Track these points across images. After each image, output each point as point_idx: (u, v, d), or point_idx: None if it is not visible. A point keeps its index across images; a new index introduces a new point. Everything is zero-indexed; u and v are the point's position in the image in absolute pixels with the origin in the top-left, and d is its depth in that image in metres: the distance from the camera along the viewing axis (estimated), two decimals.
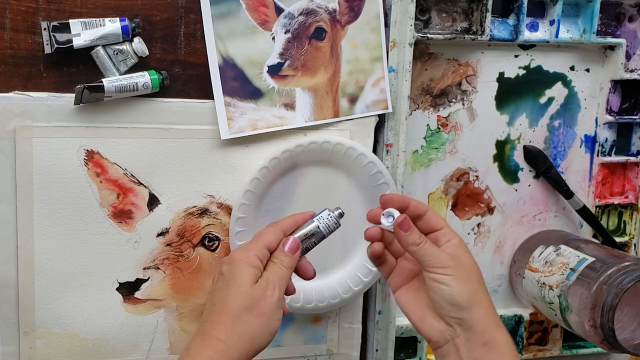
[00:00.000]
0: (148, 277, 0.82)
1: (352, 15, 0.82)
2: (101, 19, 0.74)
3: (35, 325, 0.80)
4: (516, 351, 0.69)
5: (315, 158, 0.83)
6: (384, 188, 0.84)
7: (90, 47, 0.74)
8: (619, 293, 0.78)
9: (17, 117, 0.74)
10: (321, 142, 0.82)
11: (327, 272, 0.88)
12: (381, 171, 0.84)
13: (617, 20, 0.94)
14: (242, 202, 0.80)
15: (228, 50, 0.79)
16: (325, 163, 0.84)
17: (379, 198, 0.70)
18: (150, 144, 0.79)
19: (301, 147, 0.81)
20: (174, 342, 0.85)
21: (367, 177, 0.85)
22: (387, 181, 0.85)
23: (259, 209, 0.83)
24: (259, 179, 0.81)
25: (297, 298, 0.85)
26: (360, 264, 0.88)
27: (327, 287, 0.87)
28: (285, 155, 0.81)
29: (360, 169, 0.84)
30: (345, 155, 0.83)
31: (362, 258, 0.87)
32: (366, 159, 0.84)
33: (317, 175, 0.85)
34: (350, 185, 0.86)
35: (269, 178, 0.82)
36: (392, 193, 0.82)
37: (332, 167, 0.85)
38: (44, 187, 0.77)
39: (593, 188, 0.97)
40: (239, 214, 0.81)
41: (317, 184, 0.85)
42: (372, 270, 0.87)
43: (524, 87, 0.92)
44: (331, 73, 0.83)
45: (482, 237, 0.95)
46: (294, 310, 0.86)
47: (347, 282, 0.87)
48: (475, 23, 0.87)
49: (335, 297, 0.87)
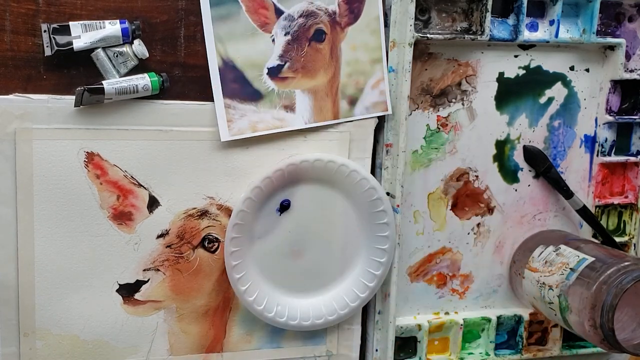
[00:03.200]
0: (148, 278, 0.82)
1: (352, 17, 0.82)
2: (101, 21, 0.74)
3: (35, 326, 0.80)
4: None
5: (310, 175, 0.84)
6: (377, 204, 0.85)
7: (91, 50, 0.74)
8: (618, 293, 0.78)
9: (17, 119, 0.74)
10: (326, 161, 0.83)
11: (324, 289, 0.89)
12: (377, 190, 0.85)
13: (617, 20, 0.94)
14: (235, 222, 0.81)
15: (228, 52, 0.79)
16: (320, 179, 0.85)
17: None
18: (150, 146, 0.79)
19: (293, 165, 0.82)
20: (174, 343, 0.85)
21: (362, 193, 0.85)
22: (381, 196, 0.86)
23: (256, 221, 0.84)
24: (261, 187, 0.81)
25: (294, 315, 0.86)
26: (356, 280, 0.88)
27: (324, 303, 0.88)
28: (278, 174, 0.81)
29: (360, 191, 0.85)
30: (338, 172, 0.84)
31: (358, 274, 0.88)
32: (359, 175, 0.84)
33: (316, 191, 0.85)
34: (343, 198, 0.86)
35: (270, 189, 0.82)
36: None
37: (327, 183, 0.85)
38: (44, 189, 0.77)
39: (593, 188, 0.97)
40: (232, 234, 0.81)
41: (313, 199, 0.85)
42: (369, 286, 0.88)
43: (524, 87, 0.92)
44: (331, 75, 0.83)
45: (482, 237, 0.95)
46: (290, 327, 0.87)
47: (344, 298, 0.88)
48: (475, 23, 0.87)
49: (332, 313, 0.88)
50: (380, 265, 0.87)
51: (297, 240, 0.86)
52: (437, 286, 0.95)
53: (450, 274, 0.95)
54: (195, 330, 0.86)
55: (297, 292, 0.88)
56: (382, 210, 0.86)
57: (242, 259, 0.83)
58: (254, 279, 0.84)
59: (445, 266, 0.94)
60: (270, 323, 0.86)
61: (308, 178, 0.84)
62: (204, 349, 0.87)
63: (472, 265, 0.95)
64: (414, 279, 0.93)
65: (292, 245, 0.86)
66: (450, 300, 0.95)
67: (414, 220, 0.92)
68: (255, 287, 0.84)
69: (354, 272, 0.88)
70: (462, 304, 0.96)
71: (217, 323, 0.87)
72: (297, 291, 0.88)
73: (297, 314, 0.87)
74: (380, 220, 0.86)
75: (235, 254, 0.82)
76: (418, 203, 0.91)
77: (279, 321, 0.86)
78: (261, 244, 0.84)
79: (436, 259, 0.94)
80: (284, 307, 0.86)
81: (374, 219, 0.86)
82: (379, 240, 0.87)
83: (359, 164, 0.86)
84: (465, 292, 0.96)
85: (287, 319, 0.86)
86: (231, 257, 0.82)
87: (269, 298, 0.85)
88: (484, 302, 0.97)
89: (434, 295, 0.95)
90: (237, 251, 0.82)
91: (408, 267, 0.93)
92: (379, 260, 0.87)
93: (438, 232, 0.93)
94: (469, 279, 0.96)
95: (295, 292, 0.88)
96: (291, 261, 0.86)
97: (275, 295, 0.86)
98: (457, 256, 0.94)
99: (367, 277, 0.88)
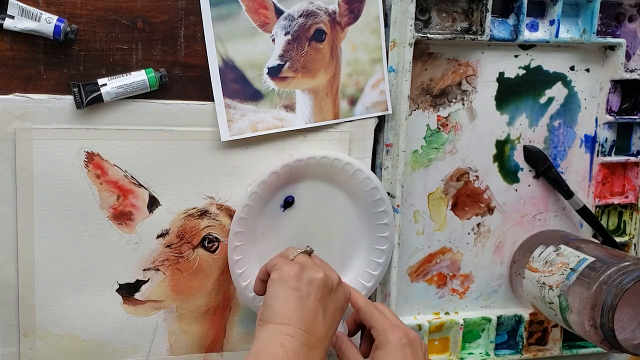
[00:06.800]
0: (148, 278, 0.82)
1: (352, 17, 0.82)
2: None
3: (35, 326, 0.80)
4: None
5: (314, 172, 0.84)
6: (379, 204, 0.86)
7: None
8: (619, 293, 0.78)
9: (17, 119, 0.74)
10: (319, 157, 0.82)
11: None
12: (379, 190, 0.86)
13: (617, 20, 0.94)
14: (240, 216, 0.81)
15: (228, 52, 0.79)
16: (324, 177, 0.85)
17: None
18: (150, 146, 0.79)
19: (301, 161, 0.82)
20: (174, 343, 0.85)
21: (364, 193, 0.86)
22: (382, 196, 0.86)
23: (260, 216, 0.84)
24: (258, 193, 0.81)
25: None
26: (354, 280, 0.88)
27: None
28: (285, 169, 0.81)
29: (358, 185, 0.85)
30: (342, 171, 0.84)
31: (356, 274, 0.89)
32: (363, 174, 0.84)
33: (319, 189, 0.85)
34: (345, 197, 0.86)
35: (276, 184, 0.82)
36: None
37: (330, 181, 0.85)
38: (44, 189, 0.77)
39: (593, 188, 0.97)
40: (237, 229, 0.81)
41: (316, 197, 0.85)
42: (366, 286, 0.88)
43: (524, 87, 0.92)
44: (331, 75, 0.83)
45: (482, 237, 0.95)
46: None
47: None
48: (475, 23, 0.87)
49: None
50: (378, 266, 0.87)
51: (299, 237, 0.86)
52: (437, 286, 0.94)
53: (450, 274, 0.95)
54: (195, 330, 0.86)
55: None
56: (383, 210, 0.86)
57: (244, 254, 0.83)
58: (256, 275, 0.84)
59: (445, 266, 0.94)
60: None
61: (312, 175, 0.84)
62: (204, 348, 0.87)
63: (472, 265, 0.95)
64: (414, 279, 0.93)
65: (294, 242, 0.85)
66: (451, 300, 0.95)
67: (414, 220, 0.91)
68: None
69: (352, 271, 0.88)
70: (462, 304, 0.96)
71: (217, 323, 0.87)
72: None
73: None
74: (380, 220, 0.86)
75: (238, 248, 0.82)
76: (418, 203, 0.91)
77: None
78: (263, 241, 0.84)
79: (436, 259, 0.94)
80: None
81: (375, 220, 0.86)
82: (378, 241, 0.87)
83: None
84: (465, 292, 0.96)
85: None
86: (234, 251, 0.82)
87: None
88: (484, 302, 0.97)
89: (434, 295, 0.95)
90: (240, 246, 0.82)
91: (408, 267, 0.93)
92: (377, 261, 0.87)
93: (438, 232, 0.93)
94: (469, 279, 0.96)
95: None
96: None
97: None
98: (457, 256, 0.94)
99: (365, 277, 0.88)
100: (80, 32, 0.75)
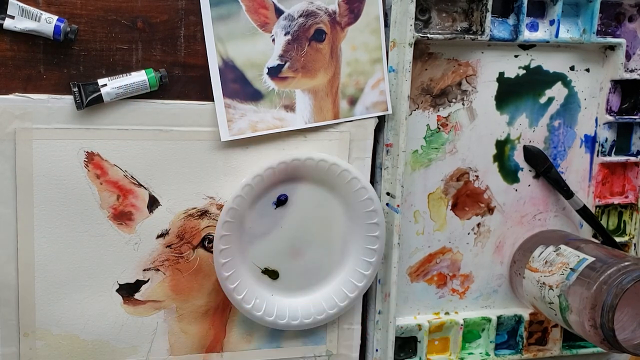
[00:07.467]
0: (148, 278, 0.82)
1: (352, 17, 0.82)
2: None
3: (35, 326, 0.80)
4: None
5: (310, 174, 0.84)
6: (368, 204, 0.85)
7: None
8: (619, 293, 0.78)
9: (17, 119, 0.74)
10: (317, 160, 0.82)
11: (313, 289, 0.89)
12: (367, 190, 0.85)
13: (617, 20, 0.94)
14: (231, 206, 0.80)
15: (228, 52, 0.79)
16: (319, 179, 0.84)
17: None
18: (150, 146, 0.79)
19: (298, 160, 0.82)
20: (174, 343, 0.85)
21: (356, 198, 0.85)
22: (372, 197, 0.85)
23: (249, 216, 0.84)
24: (252, 185, 0.81)
25: (283, 315, 0.86)
26: (345, 280, 0.88)
27: (312, 303, 0.88)
28: (282, 166, 0.81)
29: (351, 191, 0.85)
30: (339, 177, 0.84)
31: (347, 274, 0.88)
32: (359, 183, 0.84)
33: (311, 190, 0.85)
34: (338, 201, 0.86)
35: (262, 186, 0.82)
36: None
37: (325, 184, 0.85)
38: (44, 189, 0.77)
39: (593, 188, 0.97)
40: (226, 218, 0.81)
41: (309, 198, 0.85)
42: (358, 286, 0.88)
43: (524, 87, 0.92)
44: (331, 75, 0.83)
45: (482, 237, 0.95)
46: (280, 327, 0.87)
47: (333, 297, 0.88)
48: (475, 23, 0.87)
49: (321, 312, 0.88)
50: (369, 265, 0.87)
51: (290, 238, 0.86)
52: (437, 286, 0.95)
53: (450, 274, 0.95)
54: (195, 330, 0.86)
55: (288, 290, 0.88)
56: (373, 210, 0.85)
57: (232, 256, 0.82)
58: (244, 279, 0.84)
59: (445, 266, 0.94)
60: (262, 324, 0.86)
61: (302, 176, 0.84)
62: (204, 349, 0.87)
63: (472, 265, 0.95)
64: (414, 279, 0.93)
65: (285, 242, 0.85)
66: (451, 300, 0.95)
67: (414, 220, 0.91)
68: (244, 285, 0.84)
69: (343, 271, 0.88)
70: (462, 304, 0.96)
71: (217, 323, 0.87)
72: (288, 290, 0.88)
73: (285, 314, 0.87)
74: (370, 220, 0.86)
75: (224, 238, 0.81)
76: (418, 203, 0.91)
77: (268, 320, 0.86)
78: (251, 235, 0.84)
79: (436, 259, 0.94)
80: (272, 306, 0.86)
81: (365, 219, 0.86)
82: (369, 240, 0.87)
83: (358, 164, 0.86)
84: (465, 292, 0.96)
85: (275, 318, 0.86)
86: (220, 241, 0.81)
87: (258, 296, 0.86)
88: (484, 302, 0.97)
89: (434, 295, 0.95)
90: (227, 236, 0.81)
91: (408, 267, 0.93)
92: (369, 260, 0.87)
93: (438, 232, 0.93)
94: (469, 279, 0.96)
95: (286, 291, 0.88)
96: (285, 259, 0.86)
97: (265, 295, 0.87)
98: (457, 256, 0.94)
99: (356, 277, 0.88)
100: (80, 32, 0.75)
